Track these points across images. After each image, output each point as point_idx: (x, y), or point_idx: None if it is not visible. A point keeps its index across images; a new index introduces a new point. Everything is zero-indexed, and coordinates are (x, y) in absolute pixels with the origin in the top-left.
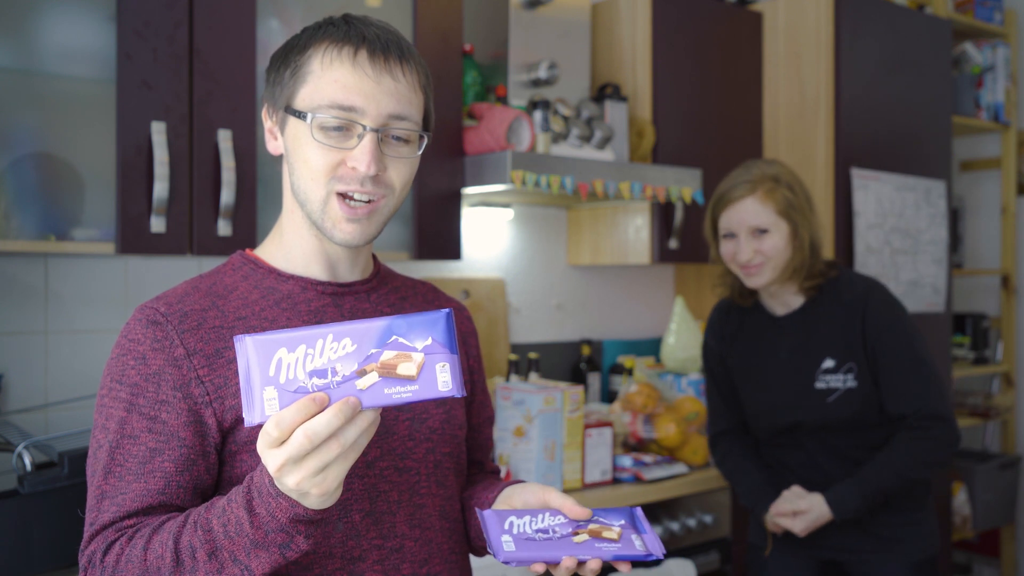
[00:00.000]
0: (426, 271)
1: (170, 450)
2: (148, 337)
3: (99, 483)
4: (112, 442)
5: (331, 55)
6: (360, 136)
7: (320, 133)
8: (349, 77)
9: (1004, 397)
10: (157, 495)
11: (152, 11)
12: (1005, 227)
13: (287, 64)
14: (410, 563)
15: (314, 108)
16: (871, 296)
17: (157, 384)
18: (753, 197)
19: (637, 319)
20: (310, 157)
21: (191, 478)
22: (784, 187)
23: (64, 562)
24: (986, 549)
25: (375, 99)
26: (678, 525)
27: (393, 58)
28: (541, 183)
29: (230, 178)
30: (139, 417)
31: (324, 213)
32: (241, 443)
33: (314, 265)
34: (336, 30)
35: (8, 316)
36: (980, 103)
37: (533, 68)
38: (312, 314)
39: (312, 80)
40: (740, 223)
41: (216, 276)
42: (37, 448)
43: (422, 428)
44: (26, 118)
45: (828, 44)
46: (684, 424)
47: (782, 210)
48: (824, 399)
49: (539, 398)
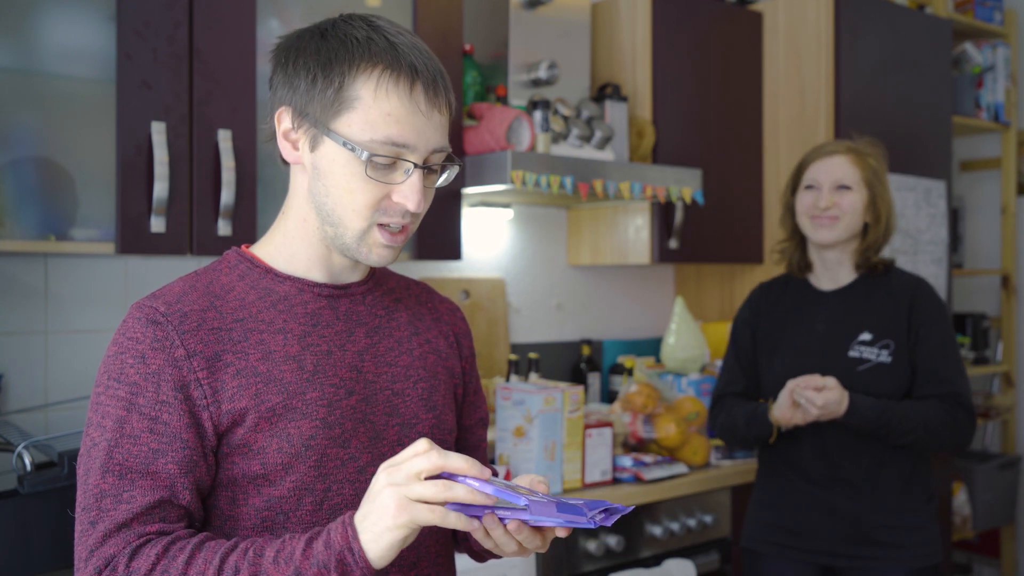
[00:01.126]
0: (426, 271)
1: (173, 451)
2: (148, 336)
3: (96, 481)
4: (110, 441)
5: (386, 86)
6: (407, 172)
7: (372, 170)
8: (403, 112)
9: (1004, 397)
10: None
11: (152, 11)
12: (1005, 227)
13: (329, 80)
14: (399, 567)
15: (367, 143)
16: (922, 287)
17: (157, 384)
18: (844, 156)
19: (637, 319)
20: (355, 190)
21: (194, 479)
22: (873, 159)
23: (64, 562)
24: (986, 549)
25: (425, 135)
26: (678, 525)
27: (441, 92)
28: (541, 183)
29: (230, 178)
30: (139, 417)
31: (361, 241)
32: (234, 446)
33: (316, 270)
34: (385, 54)
35: (8, 316)
36: (980, 103)
37: (533, 68)
38: (308, 316)
39: (361, 108)
40: (827, 174)
41: (212, 274)
42: (37, 448)
43: (411, 433)
44: (26, 118)
45: (828, 44)
46: (684, 424)
47: (866, 177)
48: (855, 367)
49: (539, 398)
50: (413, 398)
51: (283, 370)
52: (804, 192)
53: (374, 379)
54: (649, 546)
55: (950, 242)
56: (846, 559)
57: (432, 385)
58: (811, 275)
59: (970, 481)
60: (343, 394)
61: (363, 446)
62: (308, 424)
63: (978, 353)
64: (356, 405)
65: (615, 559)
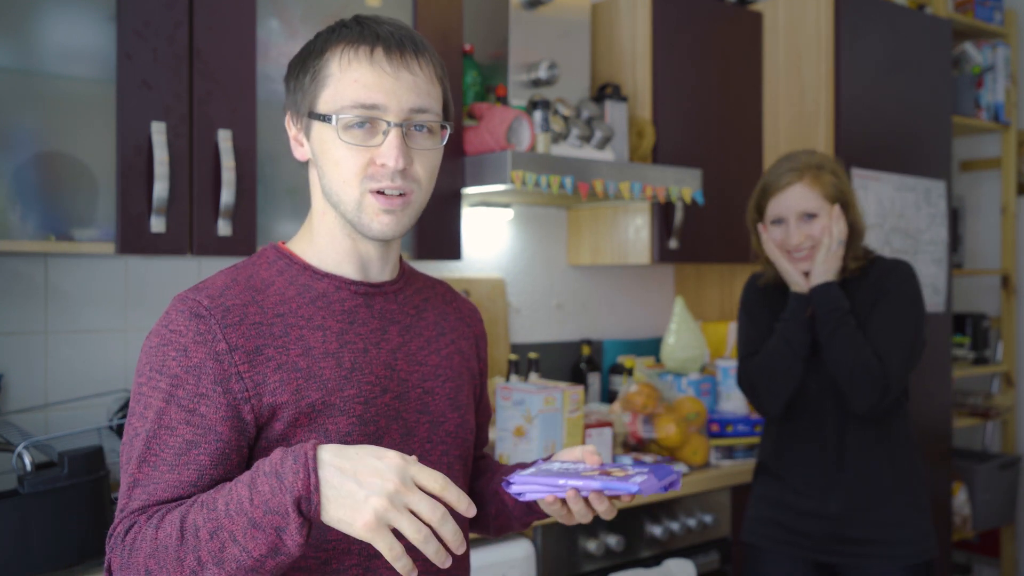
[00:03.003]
0: (426, 271)
1: (206, 443)
2: (191, 329)
3: (133, 471)
4: (149, 431)
5: (348, 56)
6: (385, 132)
7: (346, 133)
8: (368, 75)
9: (1004, 397)
10: (189, 487)
11: (152, 11)
12: (1005, 227)
13: (306, 70)
14: (423, 559)
15: (337, 110)
16: (899, 268)
17: (197, 377)
18: (801, 183)
19: (637, 319)
20: (340, 159)
21: (224, 472)
22: (829, 172)
23: (64, 562)
24: (986, 549)
25: (395, 95)
26: (678, 525)
27: (409, 53)
28: (541, 183)
29: (230, 178)
30: (177, 408)
31: (360, 211)
32: (272, 440)
33: (346, 265)
34: (350, 31)
35: (8, 316)
36: (980, 103)
37: (533, 68)
38: (345, 314)
39: (332, 83)
40: (789, 209)
41: (252, 268)
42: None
43: (439, 431)
44: (26, 118)
45: (828, 44)
46: (684, 424)
47: (829, 194)
48: None
49: (539, 398)
50: (442, 397)
51: (322, 367)
52: (773, 227)
53: (406, 377)
54: (649, 546)
55: (950, 242)
56: (842, 555)
57: (458, 385)
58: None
59: (970, 481)
60: (378, 391)
61: (394, 443)
62: (345, 421)
63: (978, 353)
64: (390, 403)
65: (615, 559)
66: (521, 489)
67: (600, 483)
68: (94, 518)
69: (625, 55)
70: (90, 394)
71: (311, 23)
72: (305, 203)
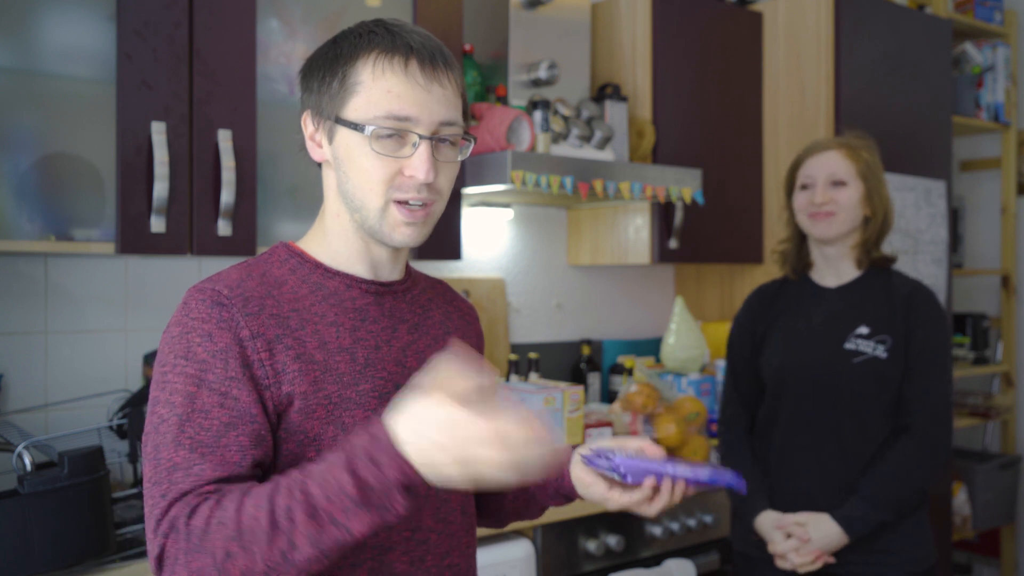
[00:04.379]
0: (426, 271)
1: (243, 425)
2: (213, 316)
3: (169, 455)
4: (180, 416)
5: (382, 65)
6: (415, 145)
7: (376, 143)
8: (402, 87)
9: (1004, 397)
10: (235, 467)
11: (152, 11)
12: (1005, 227)
13: (333, 73)
14: (433, 555)
15: (369, 119)
16: (922, 290)
17: (225, 360)
18: (837, 151)
19: (637, 319)
20: (368, 168)
21: (263, 454)
22: (866, 152)
23: (64, 562)
24: (986, 549)
25: (427, 107)
26: (678, 525)
27: (440, 66)
28: (541, 183)
29: (230, 178)
30: (209, 392)
31: (383, 219)
32: (290, 432)
33: (358, 264)
34: (382, 39)
35: (8, 316)
36: (980, 103)
37: (533, 68)
38: (357, 311)
39: (363, 91)
40: (821, 169)
41: (264, 266)
42: (37, 448)
43: None
44: (26, 118)
45: (828, 44)
46: (684, 424)
47: (861, 171)
48: (850, 359)
49: (539, 398)
50: None
51: (338, 360)
52: (800, 191)
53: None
54: (649, 546)
55: (950, 242)
56: (839, 565)
57: None
58: (813, 272)
59: (970, 481)
60: (391, 388)
61: None
62: (362, 414)
63: (978, 353)
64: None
65: (615, 559)
66: (626, 470)
67: (708, 473)
68: (94, 518)
69: (625, 55)
70: (90, 394)
71: (311, 23)
72: (305, 203)
